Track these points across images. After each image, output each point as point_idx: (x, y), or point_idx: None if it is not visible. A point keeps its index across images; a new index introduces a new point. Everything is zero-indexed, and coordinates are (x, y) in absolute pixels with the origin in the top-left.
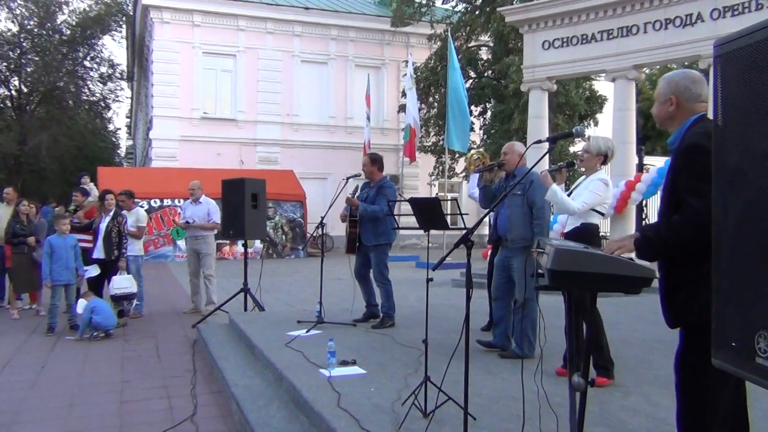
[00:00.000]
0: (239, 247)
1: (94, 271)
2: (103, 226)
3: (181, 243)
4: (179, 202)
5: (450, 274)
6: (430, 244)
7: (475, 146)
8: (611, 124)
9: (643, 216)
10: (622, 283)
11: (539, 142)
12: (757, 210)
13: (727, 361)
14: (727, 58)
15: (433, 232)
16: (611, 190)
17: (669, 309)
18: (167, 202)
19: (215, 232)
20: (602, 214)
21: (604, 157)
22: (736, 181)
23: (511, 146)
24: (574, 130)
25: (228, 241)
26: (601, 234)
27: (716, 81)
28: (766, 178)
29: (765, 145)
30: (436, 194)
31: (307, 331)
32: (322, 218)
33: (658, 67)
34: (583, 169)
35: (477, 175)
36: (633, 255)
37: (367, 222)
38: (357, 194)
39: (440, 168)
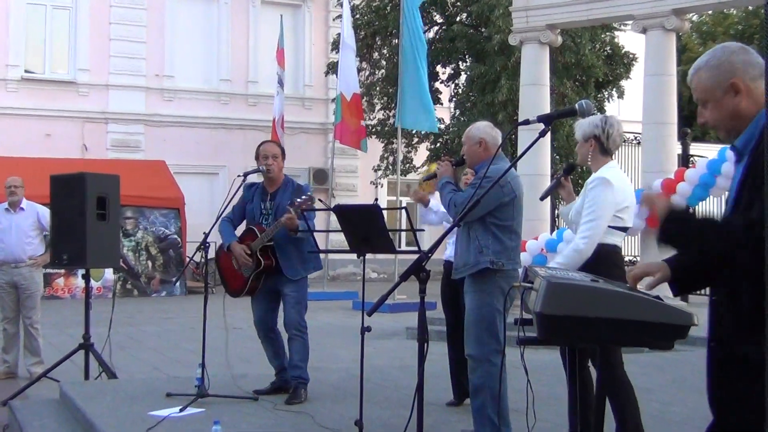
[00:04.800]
0: (79, 281)
1: None
2: None
3: None
4: None
5: (404, 319)
6: (374, 275)
7: (443, 125)
8: (641, 95)
9: None
10: (646, 333)
11: (527, 122)
12: None
13: None
14: None
15: (377, 256)
16: (621, 190)
17: (716, 398)
18: None
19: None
20: (624, 230)
21: (597, 143)
22: None
23: (468, 131)
24: (577, 106)
25: (61, 271)
26: (627, 258)
27: None
28: None
29: None
30: (375, 200)
31: (181, 410)
32: (206, 234)
33: (710, 12)
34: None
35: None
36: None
37: (288, 245)
38: (241, 202)
39: (390, 159)
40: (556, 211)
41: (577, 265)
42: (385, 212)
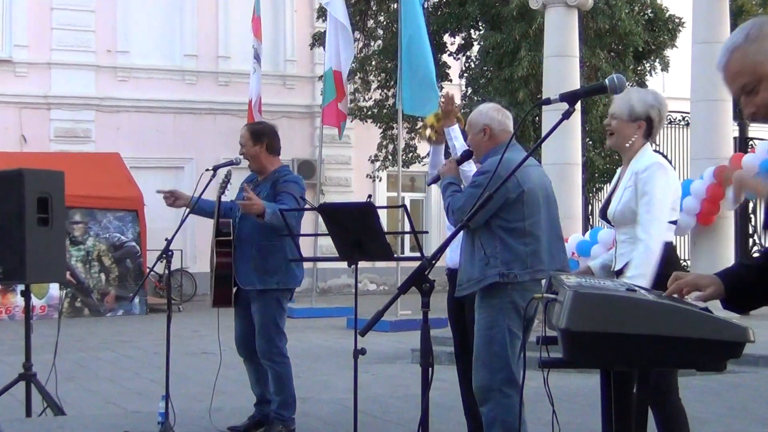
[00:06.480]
0: (18, 298)
1: None
2: None
3: None
4: None
5: (409, 339)
6: (372, 287)
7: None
8: (689, 67)
9: (750, 230)
10: (694, 352)
11: (548, 102)
12: None
13: None
14: None
15: (376, 265)
16: (675, 176)
17: None
18: None
19: None
20: (674, 223)
21: (647, 125)
22: None
23: (471, 117)
24: (608, 81)
25: None
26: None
27: None
28: None
29: None
30: (369, 196)
31: None
32: (169, 241)
33: None
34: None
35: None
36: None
37: (250, 247)
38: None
39: (390, 147)
40: (590, 208)
41: (652, 271)
42: (383, 211)
